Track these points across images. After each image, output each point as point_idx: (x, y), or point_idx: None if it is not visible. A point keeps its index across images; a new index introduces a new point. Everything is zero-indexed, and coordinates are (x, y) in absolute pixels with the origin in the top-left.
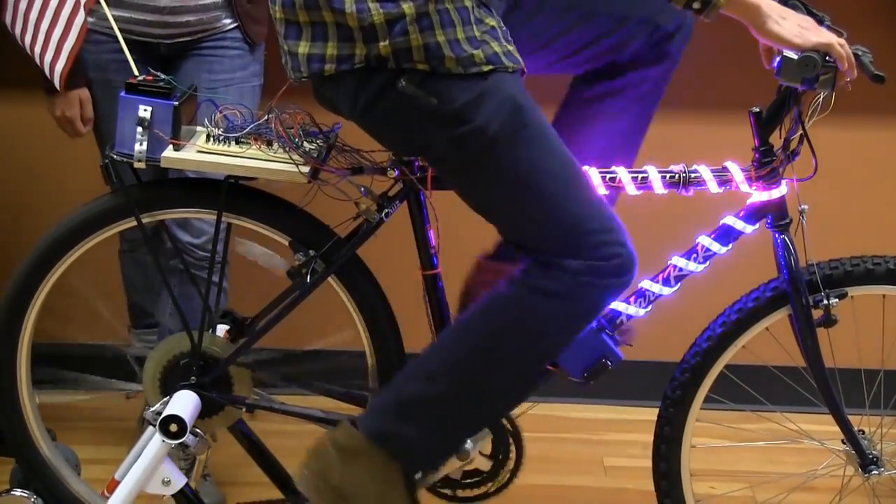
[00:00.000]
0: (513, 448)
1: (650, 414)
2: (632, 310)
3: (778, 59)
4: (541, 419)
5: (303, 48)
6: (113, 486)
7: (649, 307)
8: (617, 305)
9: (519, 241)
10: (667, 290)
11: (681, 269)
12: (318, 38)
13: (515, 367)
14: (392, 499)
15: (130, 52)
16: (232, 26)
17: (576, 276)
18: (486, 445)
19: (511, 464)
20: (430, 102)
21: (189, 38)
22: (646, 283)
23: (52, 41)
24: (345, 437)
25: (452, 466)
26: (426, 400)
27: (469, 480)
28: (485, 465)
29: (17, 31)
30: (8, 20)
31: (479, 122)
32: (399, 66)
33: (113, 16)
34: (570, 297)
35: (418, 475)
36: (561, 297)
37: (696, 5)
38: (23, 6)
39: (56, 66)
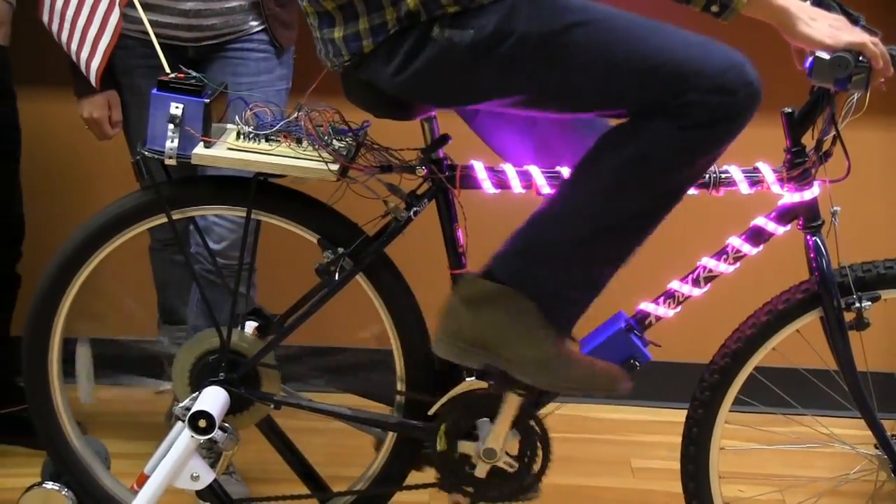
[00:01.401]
0: (540, 449)
1: (678, 415)
2: (661, 310)
3: (810, 59)
4: (568, 420)
5: (338, 32)
6: (142, 480)
7: (678, 308)
8: (646, 306)
9: (632, 110)
10: (696, 291)
11: (711, 270)
12: (349, 20)
13: (644, 202)
14: (532, 329)
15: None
16: (258, 29)
17: (707, 97)
18: (514, 446)
19: (537, 466)
20: (467, 35)
21: (215, 41)
22: (675, 284)
23: (88, 39)
24: (472, 288)
25: (481, 469)
26: (560, 241)
27: (495, 480)
28: (511, 465)
29: (55, 28)
30: (45, 18)
31: (521, 31)
32: (431, 15)
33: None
34: (704, 123)
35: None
36: (694, 128)
37: (714, 8)
38: (59, 4)
39: (92, 63)
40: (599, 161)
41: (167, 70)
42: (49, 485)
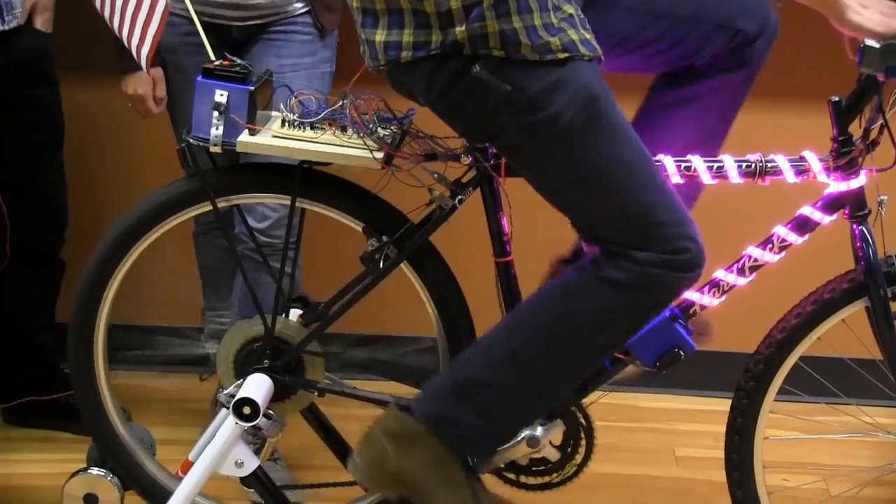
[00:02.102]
0: (583, 440)
1: (723, 405)
2: (705, 300)
3: (860, 47)
4: (612, 408)
5: (380, 36)
6: (187, 466)
7: (723, 297)
8: (691, 295)
9: (589, 230)
10: (741, 281)
11: (756, 260)
12: (394, 26)
13: (576, 357)
14: (453, 482)
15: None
16: (302, 11)
17: (644, 268)
18: (558, 435)
19: (580, 457)
20: (503, 89)
21: (260, 22)
22: (720, 273)
23: (137, 25)
24: (396, 424)
25: (521, 453)
26: (484, 385)
27: (536, 468)
28: (553, 455)
29: (107, 14)
30: (98, 3)
31: (552, 111)
32: (474, 52)
33: None
34: (638, 288)
35: (473, 461)
36: (628, 288)
37: None
38: None
39: (142, 49)
40: (534, 309)
41: (211, 56)
42: (94, 471)
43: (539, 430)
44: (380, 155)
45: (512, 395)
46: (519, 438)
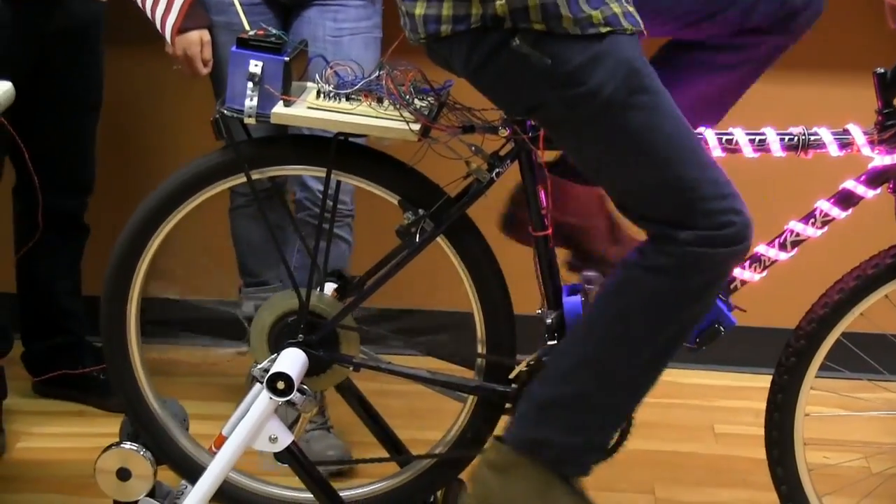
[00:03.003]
0: None
1: (763, 381)
2: (747, 275)
3: None
4: None
5: (419, 9)
6: (220, 441)
7: (764, 272)
8: None
9: (631, 207)
10: (783, 256)
11: (798, 234)
12: None
13: (647, 352)
14: (558, 501)
15: None
16: None
17: (688, 248)
18: None
19: (617, 433)
20: (543, 63)
21: None
22: (761, 248)
23: None
24: (495, 455)
25: None
26: (564, 399)
27: None
28: None
29: None
30: None
31: (592, 85)
32: (515, 25)
33: None
34: (685, 270)
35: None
36: (675, 272)
37: None
38: None
39: (167, 20)
40: (594, 315)
41: (246, 27)
42: (127, 445)
43: None
44: (416, 127)
45: (594, 404)
46: None
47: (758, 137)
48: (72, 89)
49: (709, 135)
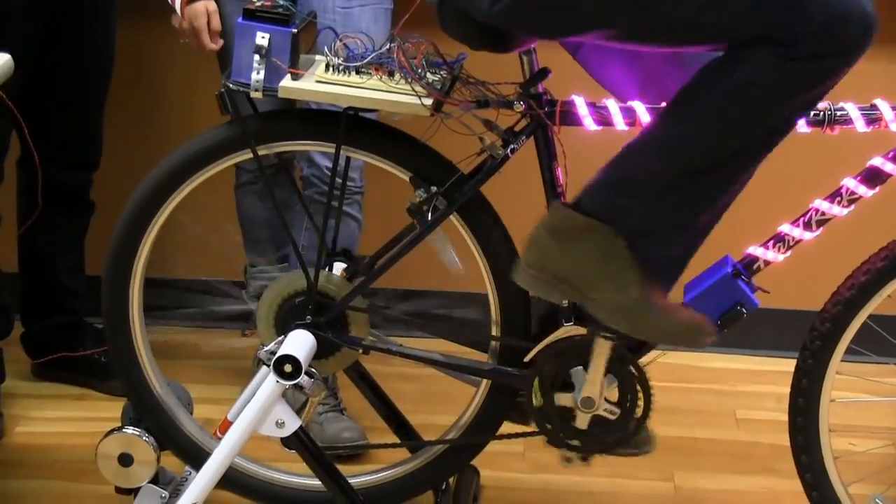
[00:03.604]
0: (640, 401)
1: (787, 365)
2: (770, 255)
3: None
4: (671, 369)
5: None
6: (225, 426)
7: (788, 252)
8: (755, 250)
9: (739, 37)
10: (808, 235)
11: (823, 213)
12: None
13: (746, 137)
14: (620, 271)
15: None
16: None
17: (814, 37)
18: (612, 393)
19: (639, 411)
20: None
21: None
22: (785, 227)
23: None
24: (560, 220)
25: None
26: (656, 173)
27: (598, 430)
28: (612, 413)
29: None
30: None
31: None
32: None
33: None
34: (813, 58)
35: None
36: (801, 50)
37: None
38: None
39: None
40: (700, 91)
41: None
42: (129, 430)
43: (593, 391)
44: (429, 101)
45: (684, 183)
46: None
47: None
48: (82, 62)
49: None
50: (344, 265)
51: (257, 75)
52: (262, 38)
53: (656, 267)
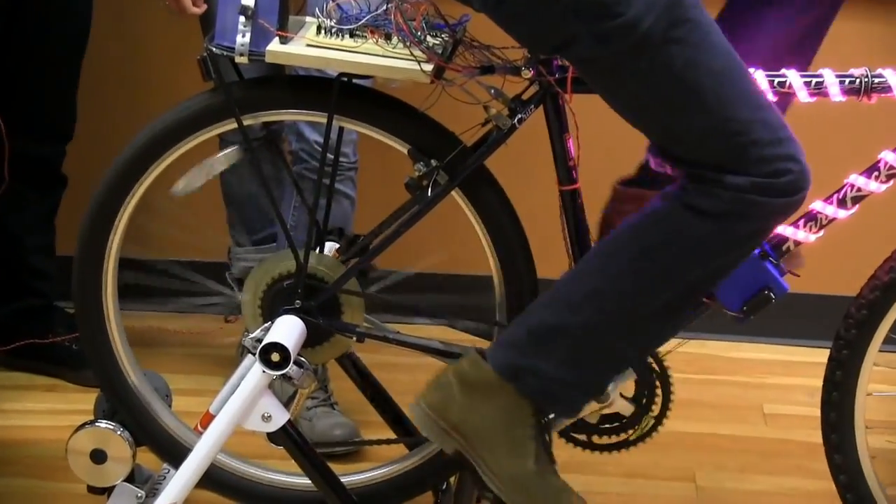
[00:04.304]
0: (659, 391)
1: (819, 355)
2: (801, 234)
3: None
4: (692, 358)
5: None
6: (207, 420)
7: (821, 232)
8: (784, 229)
9: (673, 151)
10: (842, 213)
11: (859, 189)
12: None
13: (667, 295)
14: (519, 439)
15: None
16: None
17: (738, 194)
18: (628, 387)
19: (656, 409)
20: None
21: None
22: (818, 205)
23: None
24: (472, 370)
25: (590, 409)
26: (566, 330)
27: (608, 426)
28: (626, 409)
29: None
30: None
31: (629, 17)
32: None
33: None
34: (731, 217)
35: (551, 416)
36: (720, 217)
37: None
38: None
39: None
40: (618, 244)
41: None
42: (102, 423)
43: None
44: (429, 67)
45: (598, 340)
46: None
47: (814, 80)
48: (55, 25)
49: (759, 76)
50: (336, 245)
51: (242, 38)
52: None
53: (562, 408)
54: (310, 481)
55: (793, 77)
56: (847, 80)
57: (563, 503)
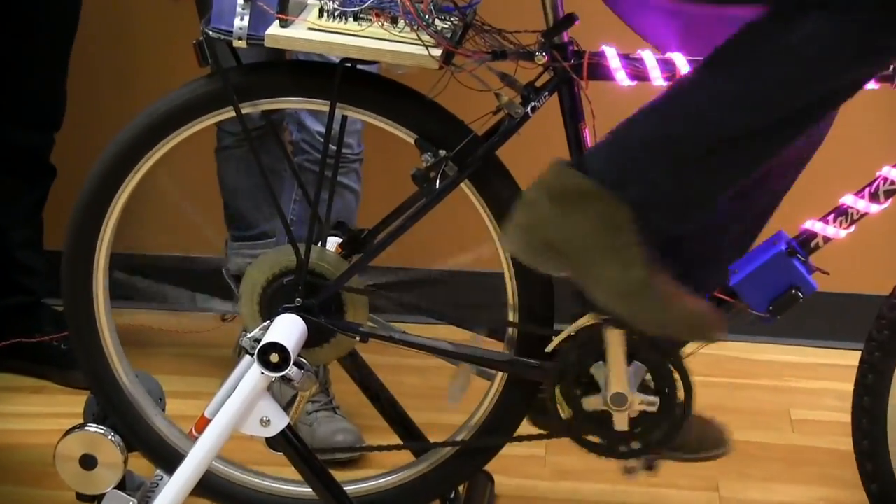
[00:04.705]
0: (675, 372)
1: (849, 358)
2: (830, 230)
3: None
4: (715, 361)
5: None
6: (202, 424)
7: (852, 228)
8: (812, 225)
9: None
10: (874, 208)
11: (893, 183)
12: None
13: (791, 106)
14: (620, 250)
15: None
16: None
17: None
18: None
19: (681, 394)
20: None
21: None
22: (848, 199)
23: None
24: (561, 181)
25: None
26: (678, 140)
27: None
28: (651, 403)
29: None
30: None
31: None
32: None
33: None
34: (866, 24)
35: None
36: (856, 24)
37: None
38: None
39: None
40: (743, 49)
41: None
42: (92, 427)
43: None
44: (437, 52)
45: (703, 153)
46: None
47: None
48: (43, 8)
49: None
50: (339, 240)
51: (241, 21)
52: None
53: (665, 248)
54: (310, 489)
55: None
56: None
57: (677, 312)
